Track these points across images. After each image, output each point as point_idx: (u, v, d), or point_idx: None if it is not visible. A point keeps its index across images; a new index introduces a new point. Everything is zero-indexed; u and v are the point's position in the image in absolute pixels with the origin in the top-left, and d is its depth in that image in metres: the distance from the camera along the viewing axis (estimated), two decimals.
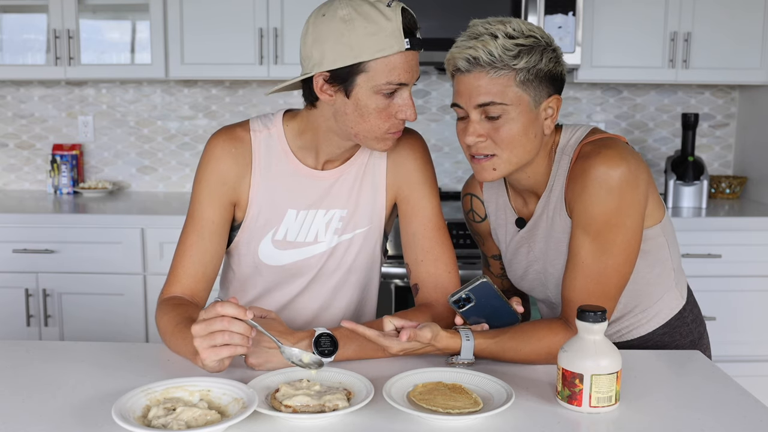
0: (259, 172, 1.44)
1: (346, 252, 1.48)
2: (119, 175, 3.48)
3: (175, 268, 1.42)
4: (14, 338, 2.81)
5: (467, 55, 1.27)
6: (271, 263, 1.47)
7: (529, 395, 1.17)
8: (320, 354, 1.25)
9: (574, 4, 2.84)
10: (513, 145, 1.30)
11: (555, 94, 1.33)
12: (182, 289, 1.40)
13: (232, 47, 3.01)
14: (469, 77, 1.29)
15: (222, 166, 1.42)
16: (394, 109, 1.31)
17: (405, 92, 1.31)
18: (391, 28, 1.26)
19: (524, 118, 1.30)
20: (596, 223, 1.28)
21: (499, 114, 1.29)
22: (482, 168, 1.34)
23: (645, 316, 1.44)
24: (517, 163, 1.33)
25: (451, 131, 3.39)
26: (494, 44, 1.26)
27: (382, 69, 1.27)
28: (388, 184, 1.48)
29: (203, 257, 1.41)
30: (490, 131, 1.30)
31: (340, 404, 1.07)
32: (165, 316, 1.33)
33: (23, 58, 3.24)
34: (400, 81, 1.28)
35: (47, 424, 1.05)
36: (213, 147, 1.43)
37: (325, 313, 1.52)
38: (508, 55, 1.26)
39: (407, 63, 1.29)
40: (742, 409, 1.13)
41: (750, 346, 2.85)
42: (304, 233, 1.45)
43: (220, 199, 1.42)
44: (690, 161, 3.04)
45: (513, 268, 1.51)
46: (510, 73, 1.27)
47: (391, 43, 1.26)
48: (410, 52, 1.29)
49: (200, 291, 1.42)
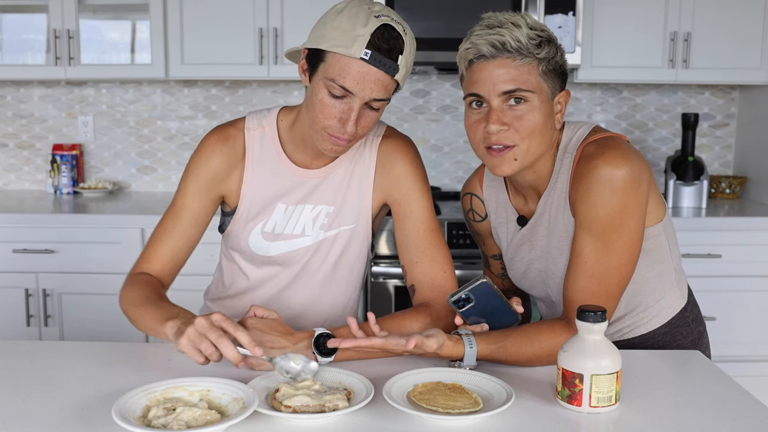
0: (251, 168, 1.48)
1: (331, 247, 1.51)
2: (119, 175, 3.48)
3: (149, 247, 1.49)
4: (14, 338, 2.81)
5: (494, 40, 1.27)
6: (260, 253, 1.51)
7: (529, 395, 1.17)
8: (320, 354, 1.26)
9: (574, 4, 2.84)
10: (534, 134, 1.30)
11: (564, 89, 1.35)
12: (151, 268, 1.47)
13: (232, 47, 3.01)
14: (492, 64, 1.28)
15: (213, 162, 1.48)
16: (337, 113, 1.31)
17: (354, 103, 1.29)
18: (360, 33, 1.26)
19: (545, 108, 1.30)
20: (600, 223, 1.28)
21: (524, 101, 1.28)
22: (502, 160, 1.31)
23: (646, 315, 1.44)
24: (534, 154, 1.32)
25: (451, 131, 3.38)
26: (519, 32, 1.26)
27: (334, 65, 1.28)
28: (376, 186, 1.49)
29: (176, 243, 1.48)
30: (513, 120, 1.29)
31: (340, 404, 1.07)
32: (135, 288, 1.40)
33: (23, 58, 3.24)
34: (344, 85, 1.27)
35: (47, 424, 1.05)
36: (206, 143, 1.50)
37: (313, 309, 1.54)
38: (532, 44, 1.27)
39: (360, 74, 1.27)
40: (742, 409, 1.13)
41: (750, 346, 2.85)
42: (291, 226, 1.49)
43: (207, 192, 1.48)
44: (690, 161, 3.04)
45: (514, 266, 1.51)
46: (533, 62, 1.28)
47: (349, 45, 1.26)
48: (370, 67, 1.26)
49: (167, 274, 1.48)
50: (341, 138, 1.33)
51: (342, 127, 1.31)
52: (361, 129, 1.33)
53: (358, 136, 1.34)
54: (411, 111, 3.38)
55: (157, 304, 1.33)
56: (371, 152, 1.49)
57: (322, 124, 1.33)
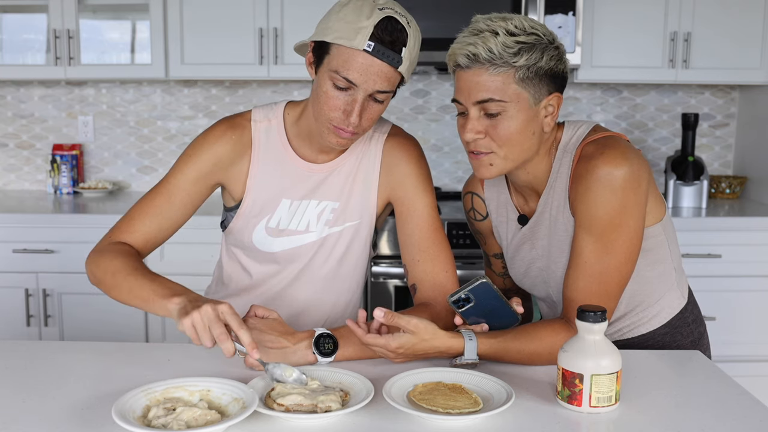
0: (258, 162, 1.47)
1: (336, 244, 1.50)
2: (119, 175, 3.48)
3: (131, 218, 1.44)
4: (14, 338, 2.81)
5: (467, 51, 1.27)
6: (264, 249, 1.50)
7: (529, 395, 1.17)
8: (320, 354, 1.26)
9: (574, 4, 2.84)
10: (511, 142, 1.30)
11: (556, 91, 1.32)
12: (133, 240, 1.43)
13: (232, 47, 3.01)
14: (468, 73, 1.29)
15: (219, 148, 1.46)
16: (341, 105, 1.32)
17: (358, 95, 1.31)
18: (363, 25, 1.27)
19: (523, 115, 1.29)
20: (600, 223, 1.28)
21: (498, 111, 1.28)
22: (480, 164, 1.34)
23: (647, 315, 1.44)
24: (515, 160, 1.33)
25: (451, 131, 3.38)
26: (494, 41, 1.25)
27: (338, 56, 1.29)
28: (381, 184, 1.49)
29: (164, 223, 1.45)
30: (489, 128, 1.30)
31: (333, 406, 1.07)
32: (116, 256, 1.36)
33: (23, 58, 3.24)
34: (348, 77, 1.29)
35: (47, 424, 1.05)
36: (215, 129, 1.48)
37: (315, 306, 1.54)
38: (507, 53, 1.26)
39: (364, 66, 1.28)
40: (742, 409, 1.13)
41: (750, 346, 2.85)
42: (296, 222, 1.49)
43: (207, 178, 1.46)
44: (690, 161, 3.04)
45: (515, 265, 1.51)
46: (509, 71, 1.27)
47: (353, 37, 1.27)
48: (374, 59, 1.27)
49: (146, 251, 1.45)
50: (345, 130, 1.33)
51: (346, 119, 1.32)
52: (365, 121, 1.34)
53: (363, 128, 1.35)
54: (411, 111, 3.39)
55: (151, 277, 1.30)
56: (377, 149, 1.49)
57: (326, 115, 1.33)
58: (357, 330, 1.24)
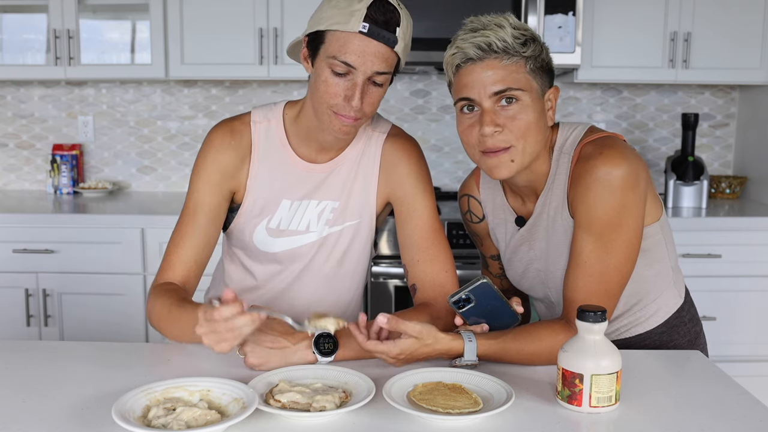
0: (257, 162, 1.48)
1: (336, 243, 1.51)
2: (119, 175, 3.48)
3: (169, 255, 1.45)
4: (14, 338, 2.81)
5: (479, 42, 1.27)
6: (265, 249, 1.50)
7: (529, 395, 1.17)
8: (320, 354, 1.26)
9: (574, 4, 2.84)
10: (529, 133, 1.30)
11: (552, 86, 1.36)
12: (174, 276, 1.44)
13: (232, 47, 3.01)
14: (480, 66, 1.28)
15: (221, 157, 1.46)
16: (341, 91, 1.32)
17: (357, 79, 1.31)
18: (356, 8, 1.28)
19: (537, 105, 1.31)
20: (599, 223, 1.28)
21: (516, 100, 1.28)
22: (499, 162, 1.31)
23: (644, 314, 1.44)
24: (531, 153, 1.32)
25: (451, 131, 3.38)
26: (504, 32, 1.27)
27: (334, 42, 1.30)
28: (380, 184, 1.50)
29: (197, 245, 1.45)
30: (506, 121, 1.29)
31: (327, 406, 1.07)
32: (158, 300, 1.37)
33: (23, 58, 3.24)
34: (347, 60, 1.29)
35: (47, 424, 1.05)
36: (213, 138, 1.48)
37: (317, 305, 1.53)
38: (517, 43, 1.28)
39: (360, 48, 1.29)
40: (742, 409, 1.13)
41: (750, 346, 2.84)
42: (296, 222, 1.49)
43: (219, 187, 1.46)
44: (690, 161, 3.04)
45: (513, 267, 1.51)
46: (521, 60, 1.28)
47: (347, 20, 1.28)
48: (370, 40, 1.29)
49: (191, 278, 1.46)
50: (348, 116, 1.33)
51: (348, 104, 1.32)
52: (367, 106, 1.34)
53: (364, 113, 1.35)
54: (411, 111, 3.38)
55: (184, 308, 1.29)
56: (376, 148, 1.49)
57: (327, 103, 1.33)
58: (358, 336, 1.23)
